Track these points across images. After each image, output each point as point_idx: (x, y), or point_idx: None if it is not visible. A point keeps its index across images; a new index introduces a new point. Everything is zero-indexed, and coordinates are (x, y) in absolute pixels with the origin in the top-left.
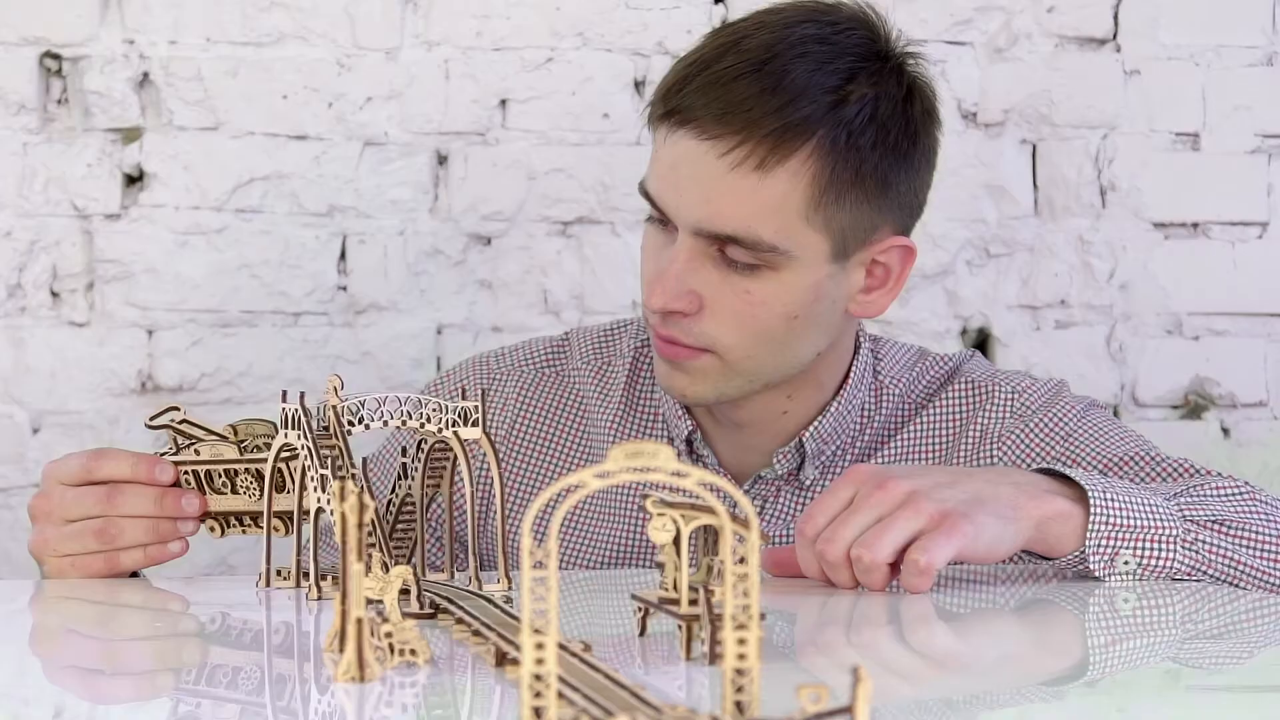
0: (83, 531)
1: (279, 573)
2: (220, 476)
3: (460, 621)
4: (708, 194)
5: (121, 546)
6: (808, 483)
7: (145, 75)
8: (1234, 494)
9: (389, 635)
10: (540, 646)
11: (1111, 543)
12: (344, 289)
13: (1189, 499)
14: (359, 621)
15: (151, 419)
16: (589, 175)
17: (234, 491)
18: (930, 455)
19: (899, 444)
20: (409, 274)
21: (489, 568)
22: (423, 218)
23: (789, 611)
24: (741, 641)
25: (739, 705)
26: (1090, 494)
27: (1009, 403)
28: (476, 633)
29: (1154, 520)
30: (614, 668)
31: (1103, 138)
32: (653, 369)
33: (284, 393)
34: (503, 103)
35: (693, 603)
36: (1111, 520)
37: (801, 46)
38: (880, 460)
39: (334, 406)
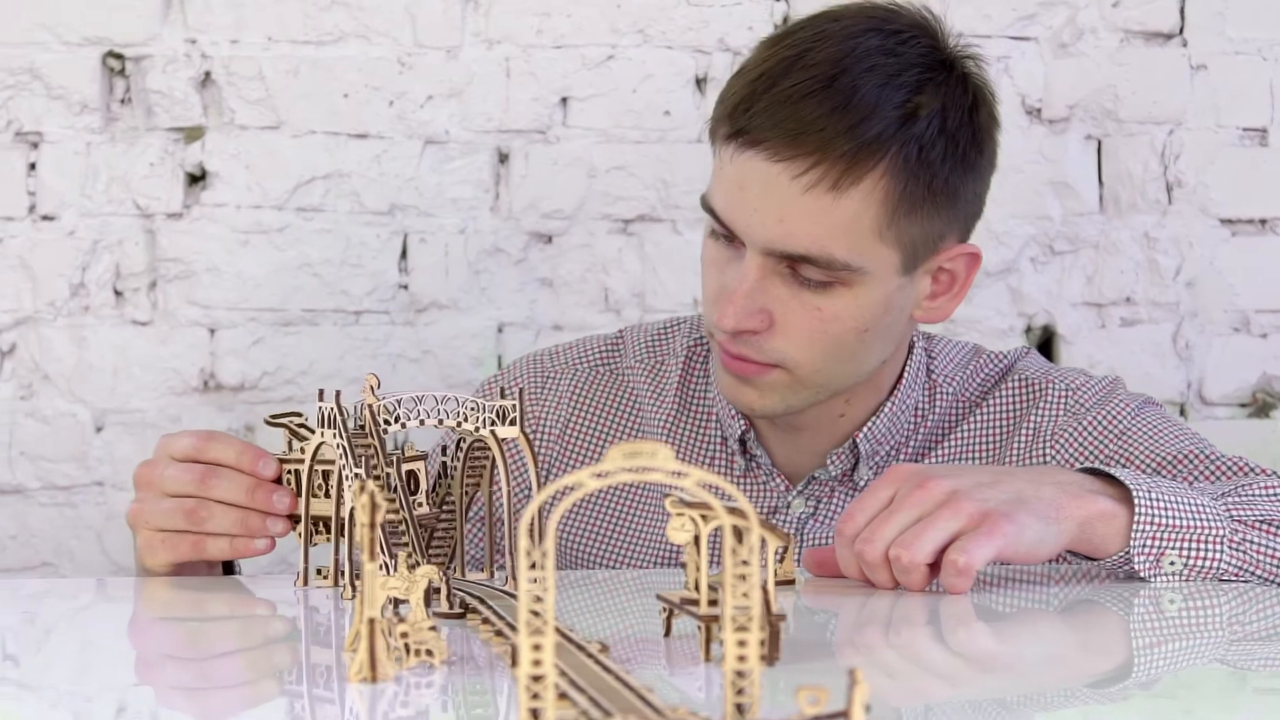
0: (175, 509)
1: (319, 571)
2: (319, 480)
3: (486, 621)
4: (780, 215)
5: (208, 531)
6: (862, 483)
7: (207, 74)
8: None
9: (405, 635)
10: (537, 648)
11: (1157, 543)
12: (405, 287)
13: (1236, 499)
14: (371, 622)
15: (272, 416)
16: (650, 173)
17: (327, 496)
18: (983, 454)
19: (952, 443)
20: (470, 272)
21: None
22: (483, 216)
23: (829, 611)
24: (741, 643)
25: (739, 707)
26: (1135, 494)
27: (1062, 400)
28: (499, 633)
29: (1200, 520)
30: (634, 668)
31: (1169, 133)
32: (707, 367)
33: (320, 391)
34: (563, 100)
35: (712, 603)
36: (1157, 520)
37: (868, 60)
38: (933, 460)
39: (370, 405)
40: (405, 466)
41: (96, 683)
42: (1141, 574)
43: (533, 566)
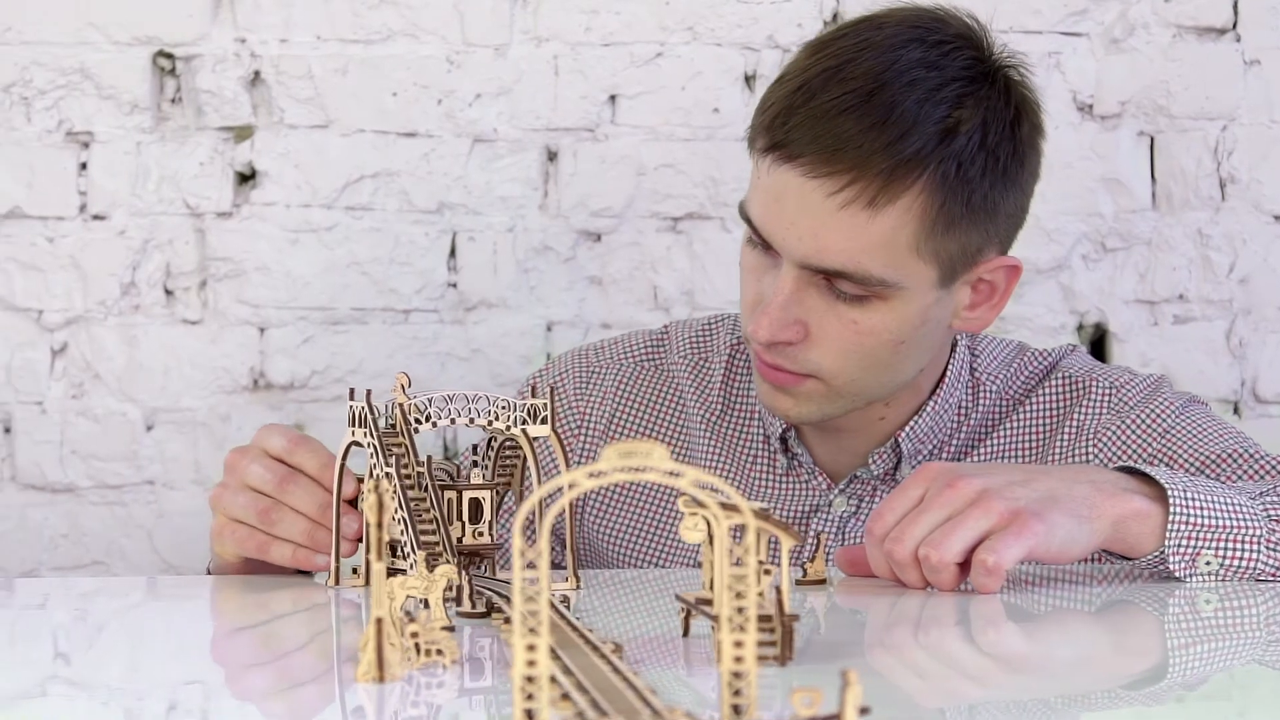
0: (250, 504)
1: (354, 570)
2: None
3: (508, 621)
4: (815, 229)
5: (275, 535)
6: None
7: (256, 74)
8: None
9: (415, 635)
10: (532, 648)
11: (1192, 543)
12: (454, 286)
13: (1275, 498)
14: (378, 621)
15: None
16: (699, 170)
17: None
18: (1026, 452)
19: (994, 441)
20: (518, 271)
21: (582, 565)
22: (532, 214)
23: (859, 610)
24: (738, 644)
25: (736, 708)
26: (1170, 493)
27: (1106, 398)
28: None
29: (1237, 520)
30: (651, 669)
31: (1222, 129)
32: (749, 365)
33: (351, 390)
34: (612, 98)
35: None
36: (1192, 520)
37: (909, 74)
38: (976, 458)
39: (401, 404)
40: (469, 494)
41: (147, 680)
42: (1177, 574)
43: (529, 566)
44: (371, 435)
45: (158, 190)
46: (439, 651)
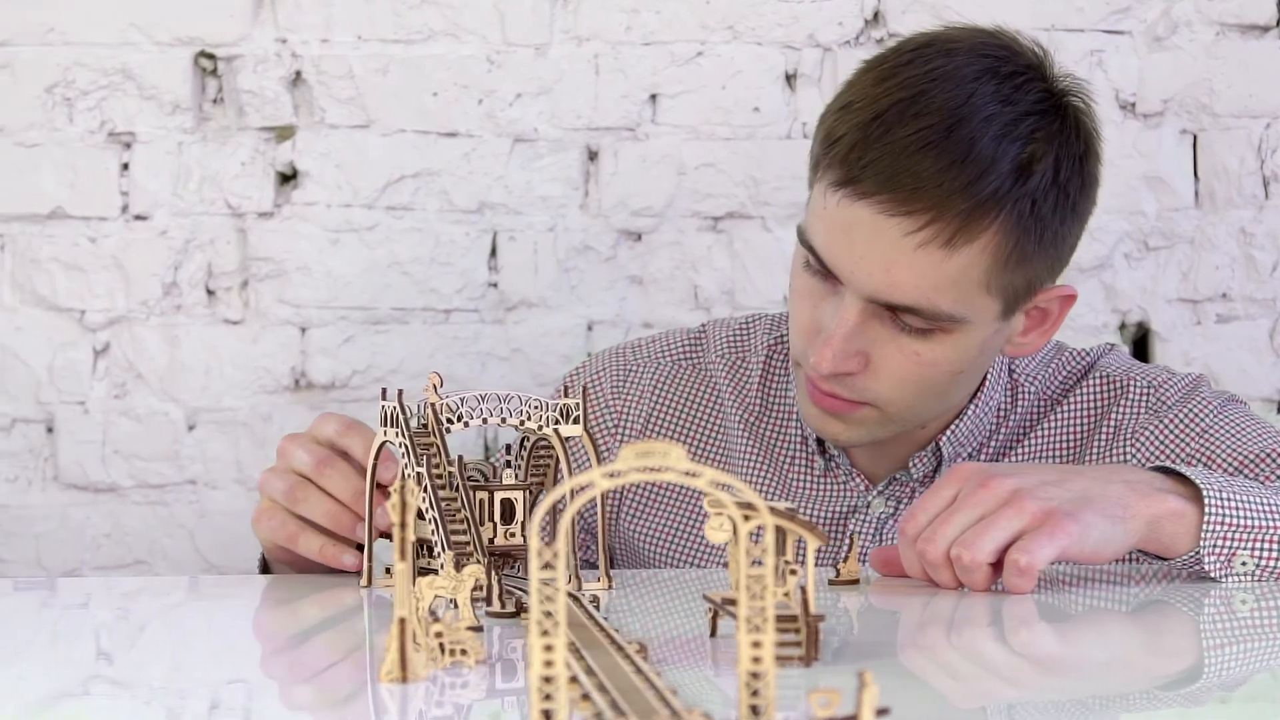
0: (285, 486)
1: (386, 570)
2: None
3: None
4: (887, 266)
5: (299, 515)
6: None
7: (298, 74)
8: None
9: (439, 635)
10: (549, 649)
11: (1228, 543)
12: (494, 286)
13: None
14: (402, 621)
15: None
16: (739, 170)
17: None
18: (1064, 452)
19: (1033, 441)
20: (559, 270)
21: (620, 565)
22: (573, 214)
23: (892, 611)
24: (755, 645)
25: (754, 709)
26: (1205, 493)
27: (1144, 398)
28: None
29: (1273, 520)
30: (679, 669)
31: (1265, 127)
32: (787, 366)
33: (383, 390)
34: (652, 97)
35: None
36: (1228, 520)
37: (985, 108)
38: (1014, 458)
39: (433, 404)
40: (500, 495)
41: (189, 679)
42: (1212, 574)
43: (545, 567)
44: (403, 435)
45: (199, 190)
46: (463, 652)
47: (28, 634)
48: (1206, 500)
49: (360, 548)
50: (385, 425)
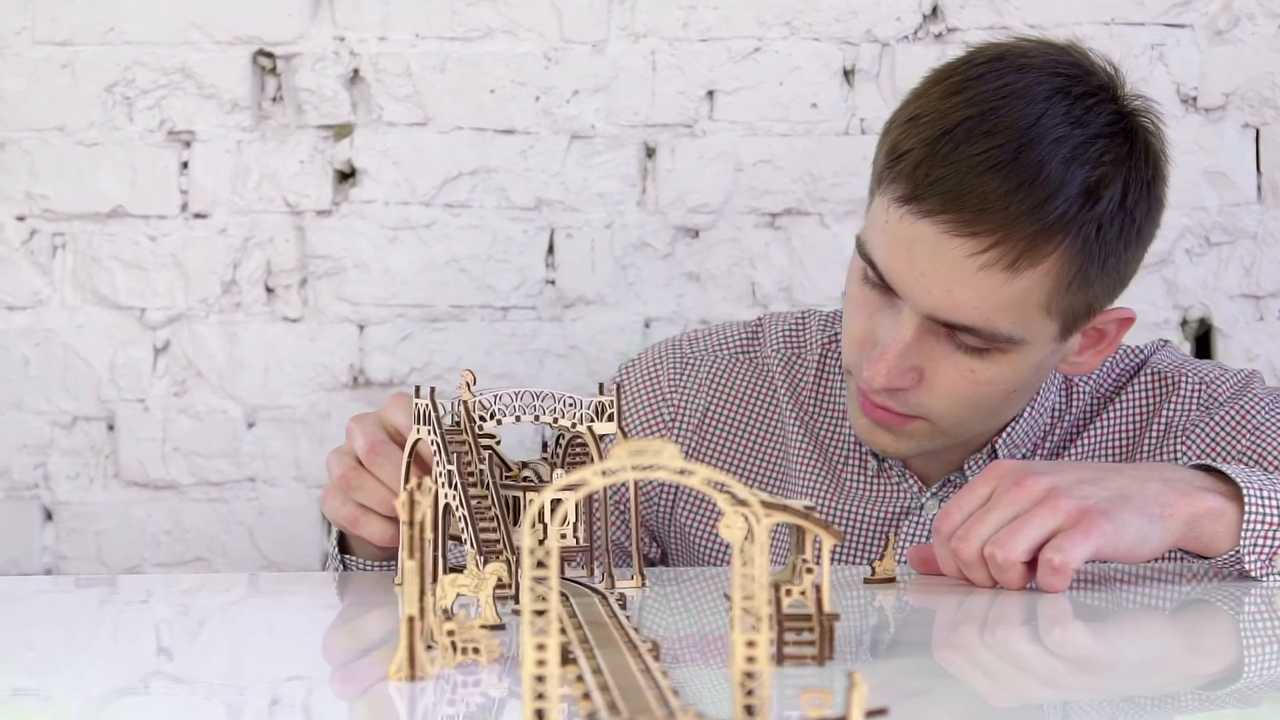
0: (339, 471)
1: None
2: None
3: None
4: (948, 285)
5: (357, 500)
6: None
7: (355, 72)
8: None
9: (451, 634)
10: (541, 647)
11: (1268, 542)
12: (552, 283)
13: None
14: (410, 620)
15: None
16: (797, 166)
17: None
18: (1116, 450)
19: (1086, 440)
20: (616, 267)
21: (676, 563)
22: (630, 210)
23: (928, 609)
24: (750, 644)
25: (748, 709)
26: (1245, 491)
27: (1195, 394)
28: (562, 630)
29: None
30: (694, 667)
31: None
32: (840, 364)
33: (416, 388)
34: (710, 94)
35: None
36: (1269, 519)
37: (1055, 131)
38: (1068, 458)
39: (465, 401)
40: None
41: (249, 676)
42: (1253, 573)
43: (539, 565)
44: (435, 433)
45: (258, 189)
46: (475, 650)
47: (89, 631)
48: (1246, 498)
49: None
50: (418, 423)
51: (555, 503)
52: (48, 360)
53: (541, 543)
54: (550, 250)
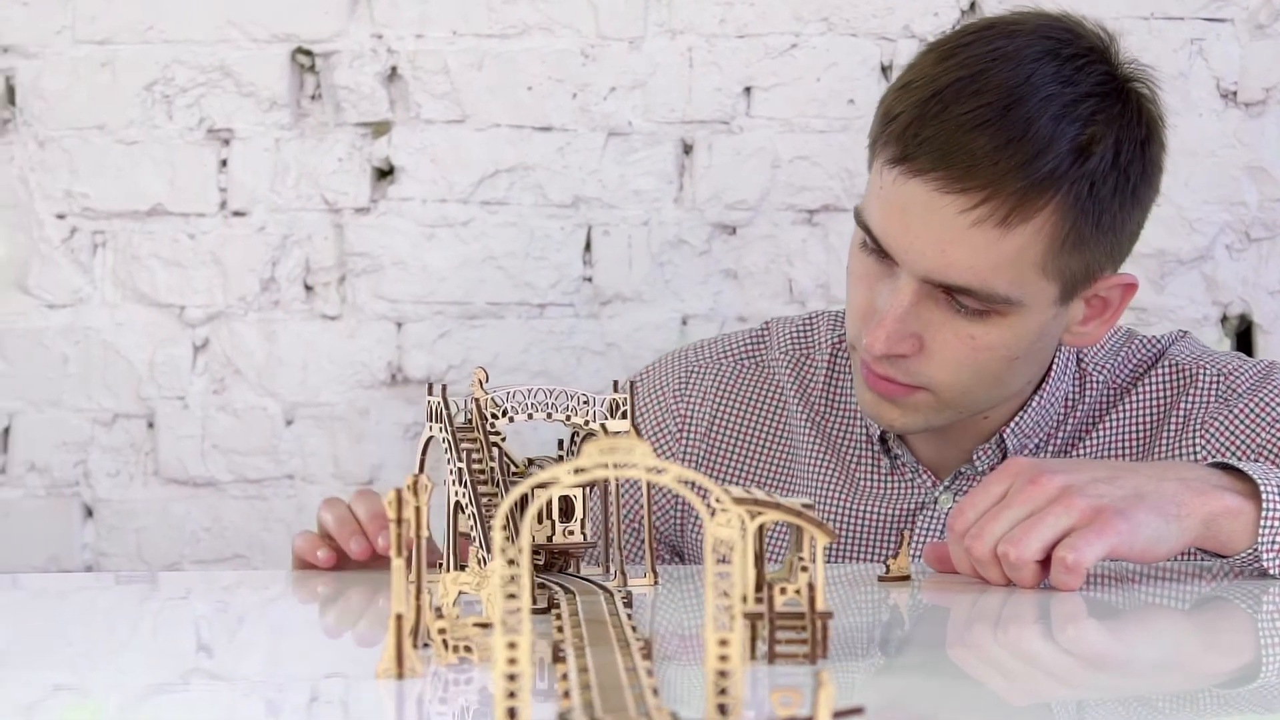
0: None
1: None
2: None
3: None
4: (942, 245)
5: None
6: None
7: (393, 69)
8: None
9: (442, 632)
10: (513, 645)
11: None
12: (589, 280)
13: None
14: (398, 618)
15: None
16: (834, 162)
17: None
18: (1133, 443)
19: (1101, 433)
20: (653, 264)
21: (692, 561)
22: (667, 207)
23: (942, 607)
24: (723, 643)
25: (721, 708)
26: (1263, 488)
27: (1214, 386)
28: (559, 628)
29: None
30: (690, 666)
31: None
32: (850, 366)
33: (429, 385)
34: (747, 90)
35: (758, 600)
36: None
37: (1044, 89)
38: (1082, 451)
39: (477, 399)
40: (562, 492)
41: (288, 673)
42: (1271, 572)
43: (510, 563)
44: (446, 430)
45: (296, 186)
46: (467, 649)
47: (129, 627)
48: (1264, 496)
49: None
50: (430, 420)
51: (524, 502)
52: (88, 358)
53: (512, 540)
54: (587, 247)
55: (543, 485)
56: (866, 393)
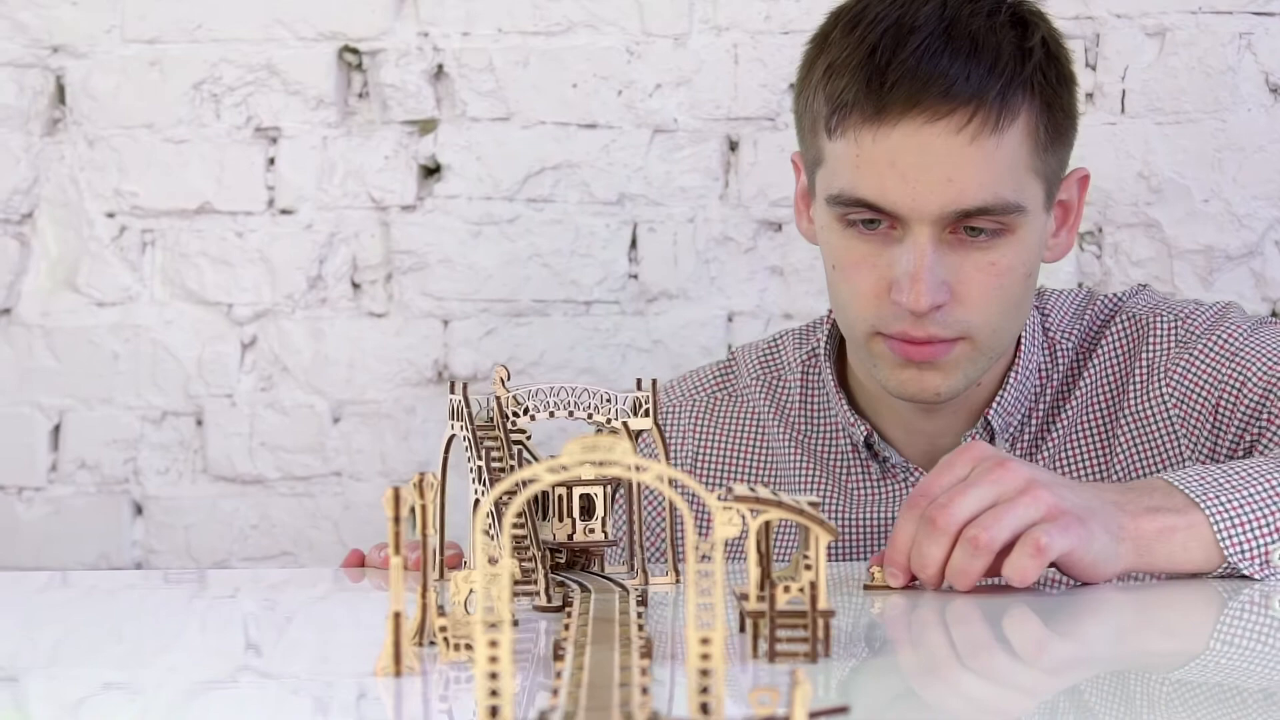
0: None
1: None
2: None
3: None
4: (948, 174)
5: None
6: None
7: (440, 67)
8: None
9: (444, 630)
10: (494, 644)
11: (1255, 543)
12: (635, 277)
13: None
14: (397, 616)
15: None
16: None
17: (557, 518)
18: (1105, 402)
19: (1076, 399)
20: (699, 261)
21: None
22: (713, 204)
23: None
24: (704, 641)
25: (704, 706)
26: (1200, 501)
27: (1173, 332)
28: (567, 626)
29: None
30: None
31: None
32: (822, 378)
33: (451, 384)
34: (792, 86)
35: (760, 599)
36: (1242, 519)
37: (961, 11)
38: (1063, 420)
39: (498, 397)
40: (580, 490)
41: (336, 670)
42: (1257, 576)
43: (491, 561)
44: (466, 429)
45: (344, 184)
46: (469, 647)
47: (178, 625)
48: (1207, 509)
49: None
50: (452, 419)
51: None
52: (137, 356)
53: (491, 535)
54: (633, 244)
55: (526, 482)
56: (903, 371)
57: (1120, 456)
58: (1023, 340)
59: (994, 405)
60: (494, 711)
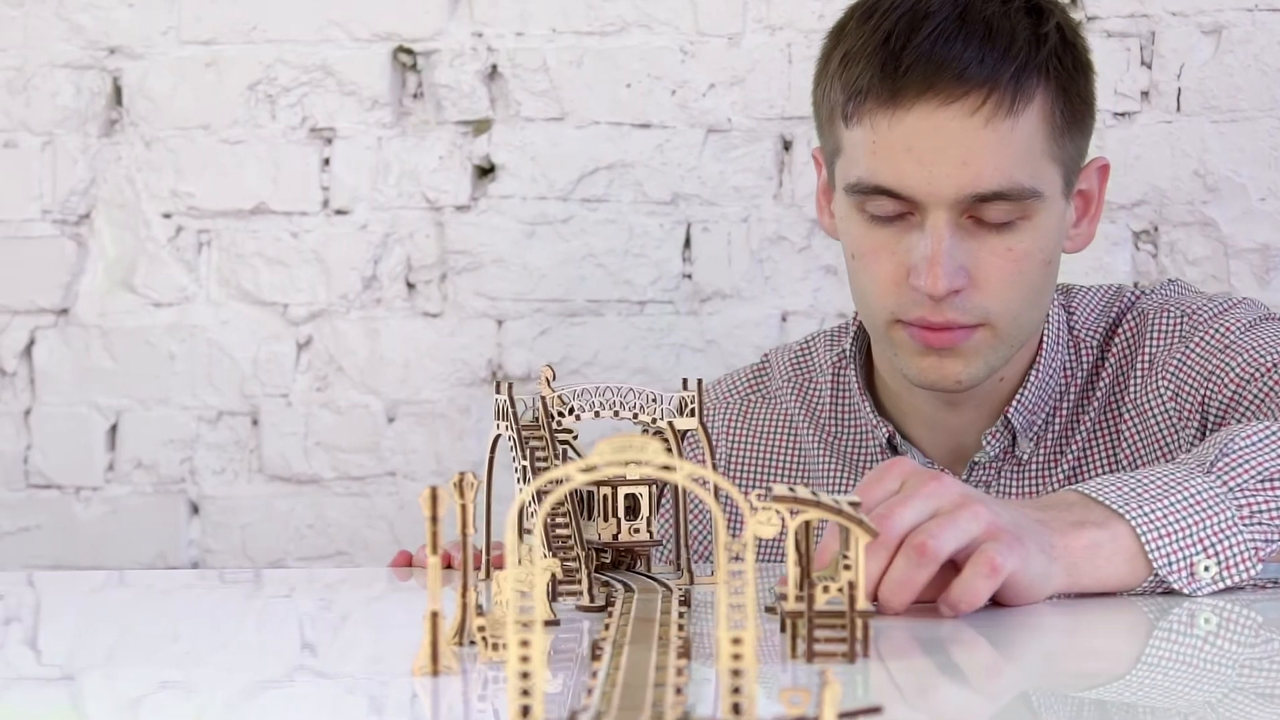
0: None
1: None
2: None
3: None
4: (964, 157)
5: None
6: (1025, 458)
7: (494, 68)
8: (1268, 438)
9: (482, 629)
10: (525, 644)
11: (1180, 554)
12: (688, 277)
13: (1225, 461)
14: (434, 615)
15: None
16: None
17: (602, 517)
18: (1110, 402)
19: (1097, 400)
20: (753, 261)
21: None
22: (766, 204)
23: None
24: (735, 641)
25: (736, 707)
26: (1123, 511)
27: (1177, 326)
28: (607, 626)
29: (1205, 510)
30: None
31: None
32: (852, 380)
33: (496, 384)
34: None
35: (799, 599)
36: (1164, 530)
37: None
38: (1086, 421)
39: (543, 397)
40: (625, 490)
41: (391, 670)
42: (1186, 590)
43: (520, 562)
44: (511, 429)
45: (398, 185)
46: (505, 646)
47: (234, 624)
48: (1131, 519)
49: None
50: (498, 419)
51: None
52: (193, 356)
53: (524, 533)
54: (687, 244)
55: (557, 482)
56: (923, 358)
57: (1125, 452)
58: (1045, 337)
59: (1014, 403)
60: (525, 711)
